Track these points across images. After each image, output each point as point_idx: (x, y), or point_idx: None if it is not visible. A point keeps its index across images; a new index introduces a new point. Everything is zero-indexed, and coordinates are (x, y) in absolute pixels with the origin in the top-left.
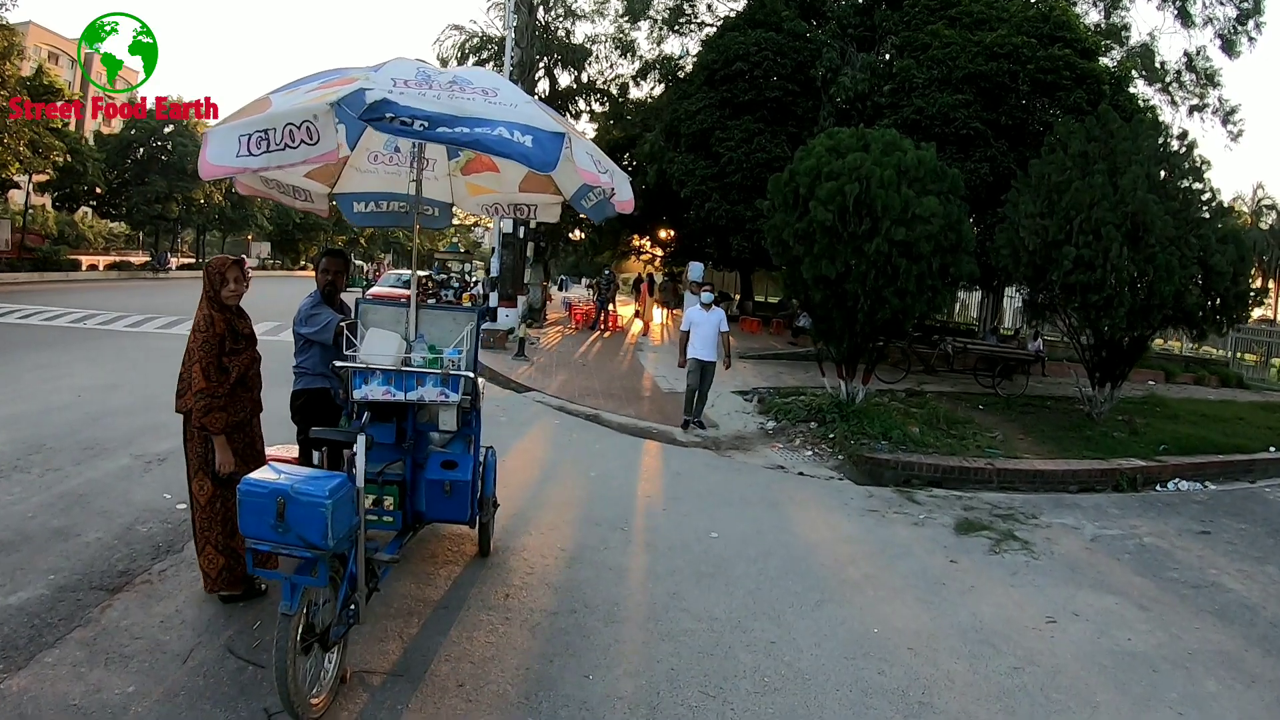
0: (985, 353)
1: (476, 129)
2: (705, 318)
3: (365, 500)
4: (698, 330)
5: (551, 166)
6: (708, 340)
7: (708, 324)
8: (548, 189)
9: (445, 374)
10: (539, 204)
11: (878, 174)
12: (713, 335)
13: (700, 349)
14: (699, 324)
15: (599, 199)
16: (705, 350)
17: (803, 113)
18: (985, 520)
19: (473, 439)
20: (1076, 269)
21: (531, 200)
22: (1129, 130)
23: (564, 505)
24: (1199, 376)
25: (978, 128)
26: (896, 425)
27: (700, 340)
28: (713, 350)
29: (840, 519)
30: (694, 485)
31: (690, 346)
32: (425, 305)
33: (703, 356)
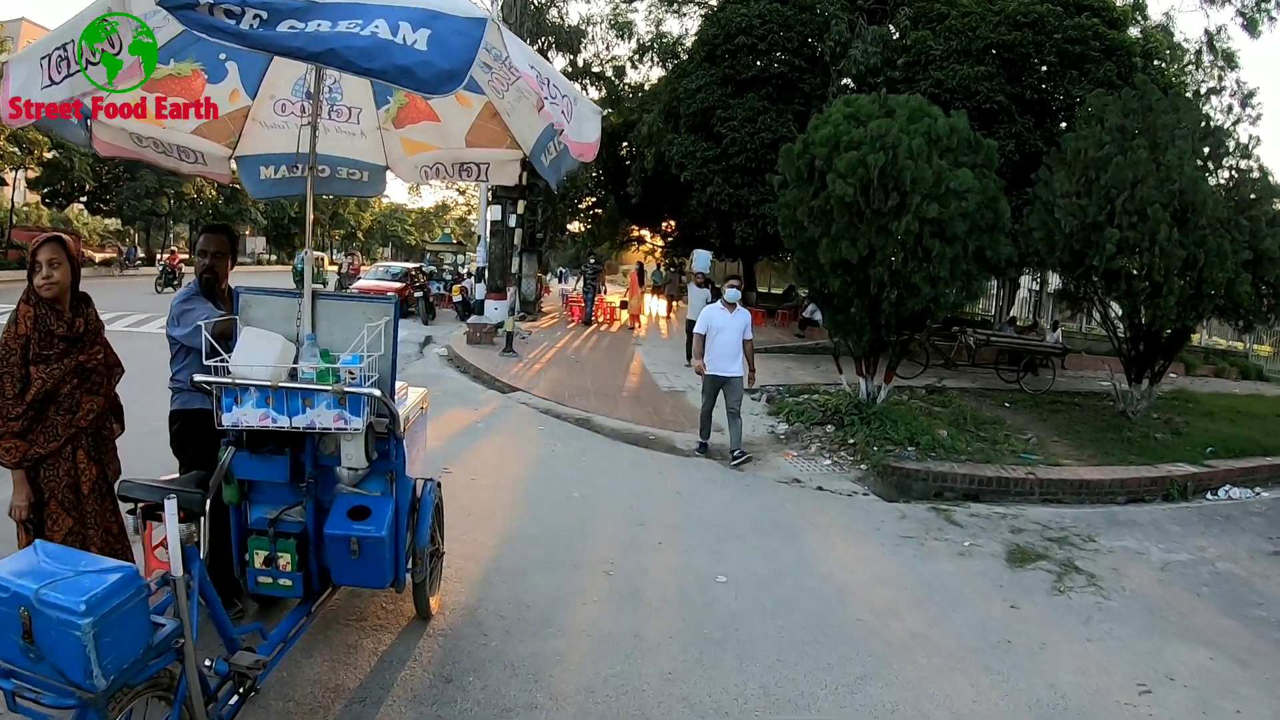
0: (1010, 346)
1: (340, 22)
2: (728, 321)
3: (256, 558)
4: (719, 336)
5: (458, 80)
6: (731, 349)
7: (731, 329)
8: (501, 142)
9: (340, 391)
10: (491, 163)
11: (905, 142)
12: (737, 343)
13: (723, 361)
14: (721, 329)
15: (557, 151)
16: (728, 362)
17: (810, 89)
18: (1039, 546)
19: (394, 475)
20: (1120, 253)
21: (481, 158)
22: (1169, 103)
23: (537, 540)
24: (1219, 369)
25: (1001, 101)
26: (923, 428)
27: (722, 349)
28: (738, 361)
29: (873, 550)
30: (696, 508)
31: (709, 358)
32: (325, 294)
33: (725, 371)
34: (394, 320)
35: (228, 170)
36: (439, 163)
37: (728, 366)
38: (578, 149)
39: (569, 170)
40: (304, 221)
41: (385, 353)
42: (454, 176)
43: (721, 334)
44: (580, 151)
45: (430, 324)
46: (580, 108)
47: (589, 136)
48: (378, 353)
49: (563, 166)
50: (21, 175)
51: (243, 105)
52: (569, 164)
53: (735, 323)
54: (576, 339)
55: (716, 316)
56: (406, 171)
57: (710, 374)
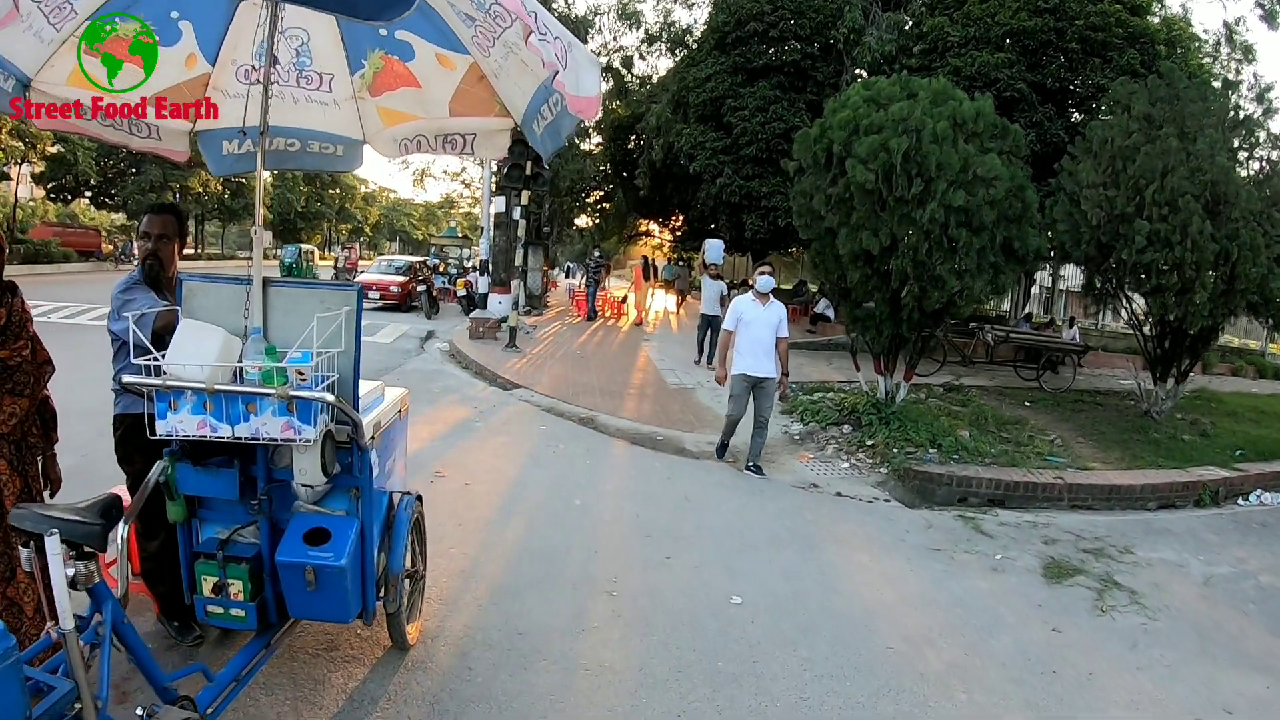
0: (1030, 343)
1: None
2: (760, 314)
3: (204, 584)
4: (749, 331)
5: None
6: (763, 346)
7: (763, 323)
8: (489, 109)
9: (286, 396)
10: (478, 133)
11: (930, 126)
12: (770, 340)
13: (754, 359)
14: (751, 322)
15: (554, 113)
16: (762, 361)
17: (823, 78)
18: (1074, 559)
19: (359, 493)
20: (1150, 246)
21: (467, 129)
22: (1197, 91)
23: (534, 554)
24: (1236, 367)
25: (1021, 90)
26: (944, 429)
27: (751, 345)
28: (772, 360)
29: (900, 565)
30: (707, 516)
31: (737, 355)
32: (278, 282)
33: (759, 372)
34: (356, 310)
35: (186, 146)
36: (420, 134)
37: (761, 366)
38: (576, 104)
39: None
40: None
41: (346, 349)
42: (437, 149)
43: (752, 328)
44: (580, 108)
45: (434, 318)
46: (576, 54)
47: (588, 89)
48: (336, 349)
49: (561, 131)
50: (26, 170)
51: (201, 72)
52: (567, 126)
53: (769, 316)
54: (582, 334)
55: (747, 309)
56: (384, 145)
57: (739, 373)
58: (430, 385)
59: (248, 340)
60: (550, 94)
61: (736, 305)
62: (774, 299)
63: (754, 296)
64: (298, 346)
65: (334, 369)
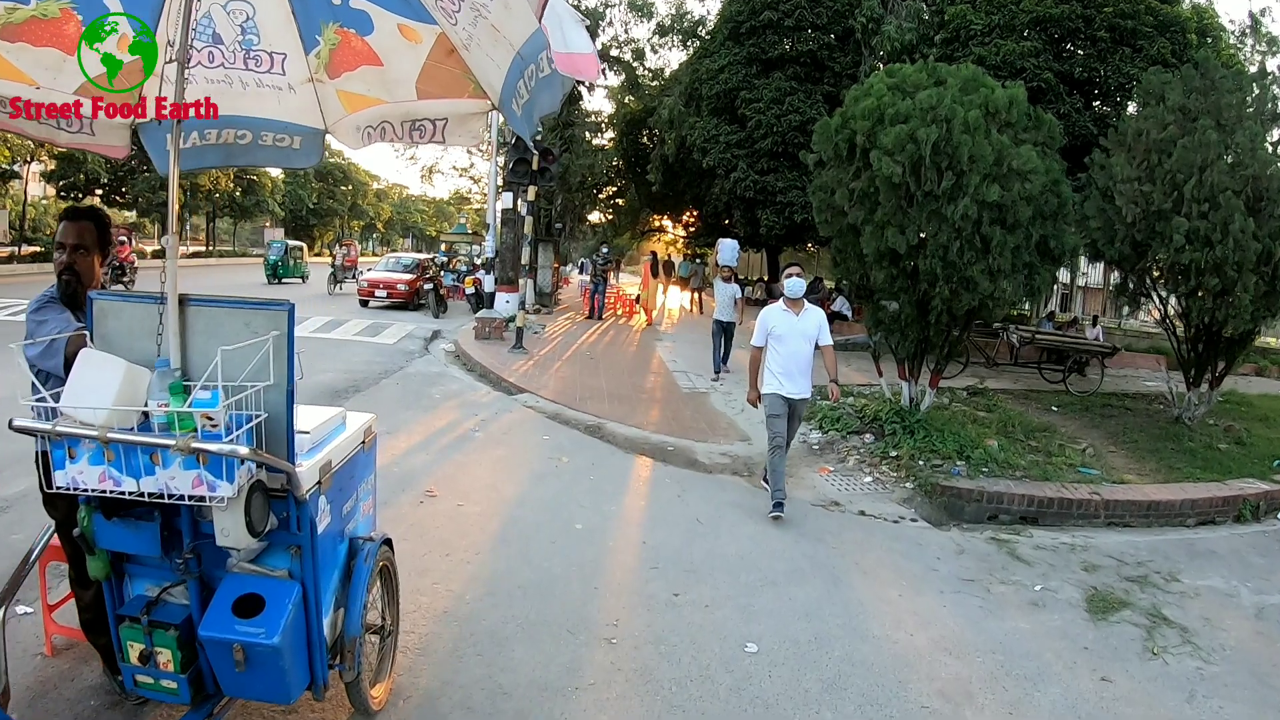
0: (1058, 344)
1: None
2: (794, 325)
3: (130, 652)
4: (784, 345)
5: None
6: (801, 362)
7: (799, 335)
8: (462, 89)
9: (185, 449)
10: (450, 118)
11: (961, 114)
12: (809, 353)
13: (790, 378)
14: (785, 336)
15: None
16: (800, 380)
17: (840, 69)
18: (1119, 590)
19: (300, 552)
20: (1190, 245)
21: (437, 112)
22: (1233, 80)
23: (527, 591)
24: (1260, 367)
25: (1048, 80)
26: (972, 439)
27: (788, 363)
28: (809, 378)
29: (932, 601)
30: (720, 542)
31: (771, 374)
32: (198, 300)
33: (796, 393)
34: (288, 335)
35: (126, 140)
36: (385, 121)
37: (799, 386)
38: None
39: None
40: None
41: (276, 381)
42: (404, 137)
43: (787, 342)
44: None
45: (440, 317)
46: (556, 5)
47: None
48: (262, 382)
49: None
50: (36, 168)
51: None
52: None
53: (804, 325)
54: (592, 334)
55: (778, 320)
56: (347, 134)
57: (774, 393)
58: (430, 390)
59: (157, 371)
60: (527, 65)
61: (766, 318)
62: (808, 303)
63: (784, 305)
64: (202, 383)
65: (259, 407)
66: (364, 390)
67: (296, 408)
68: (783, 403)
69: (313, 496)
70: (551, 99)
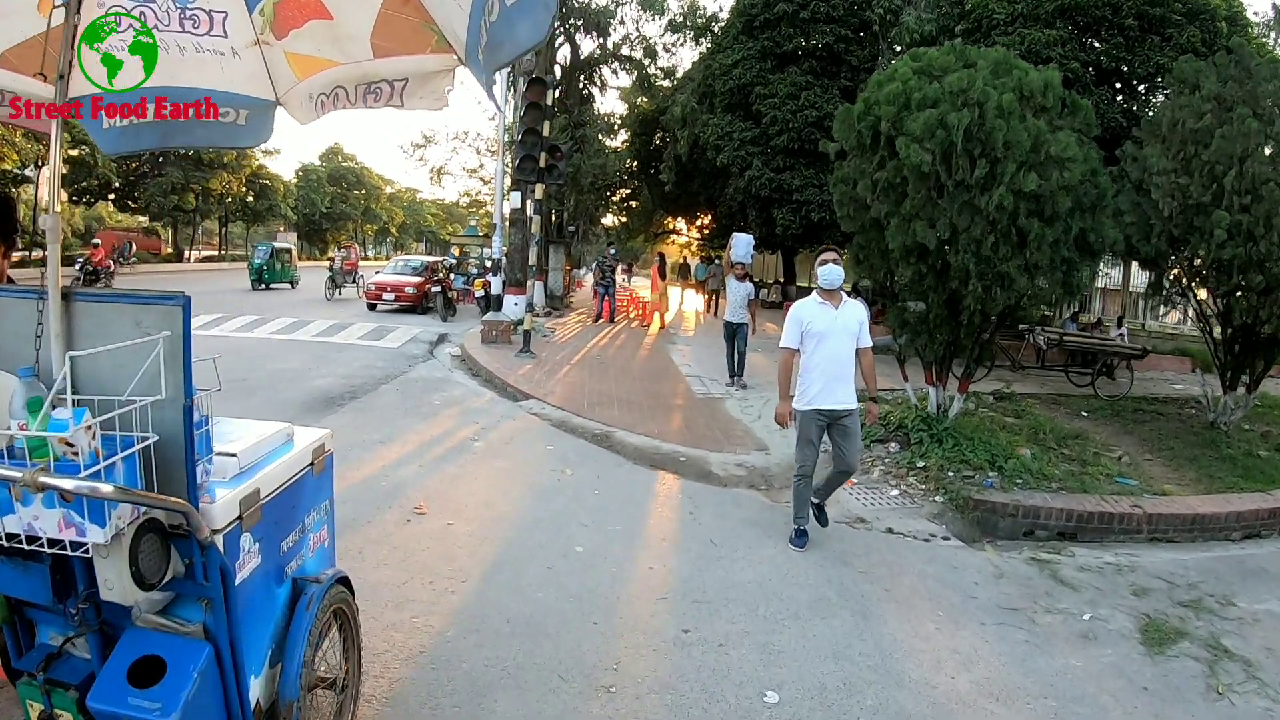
0: (1087, 346)
1: None
2: (833, 321)
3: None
4: (822, 347)
5: None
6: (841, 365)
7: (840, 333)
8: (423, 44)
9: (32, 484)
10: (410, 78)
11: (994, 98)
12: (851, 354)
13: (830, 385)
14: (823, 334)
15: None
16: (841, 387)
17: (858, 62)
18: (1173, 617)
19: (212, 605)
20: (1231, 240)
21: (396, 72)
22: (1269, 68)
23: (517, 626)
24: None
25: (1075, 70)
26: (1004, 449)
27: (826, 367)
28: (853, 384)
29: (973, 636)
30: (737, 568)
31: (806, 381)
32: (84, 294)
33: (839, 403)
34: (183, 334)
35: None
36: (339, 86)
37: (841, 394)
38: None
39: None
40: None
41: (171, 395)
42: (358, 102)
43: (826, 342)
44: None
45: (449, 321)
46: None
47: None
48: (150, 397)
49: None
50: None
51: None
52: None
53: (845, 321)
54: (603, 338)
55: (814, 315)
56: (298, 105)
57: (811, 408)
58: (431, 396)
59: (21, 382)
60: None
61: (798, 313)
62: (846, 296)
63: (819, 297)
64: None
65: (148, 428)
66: (361, 397)
67: (231, 423)
68: (819, 423)
69: (231, 535)
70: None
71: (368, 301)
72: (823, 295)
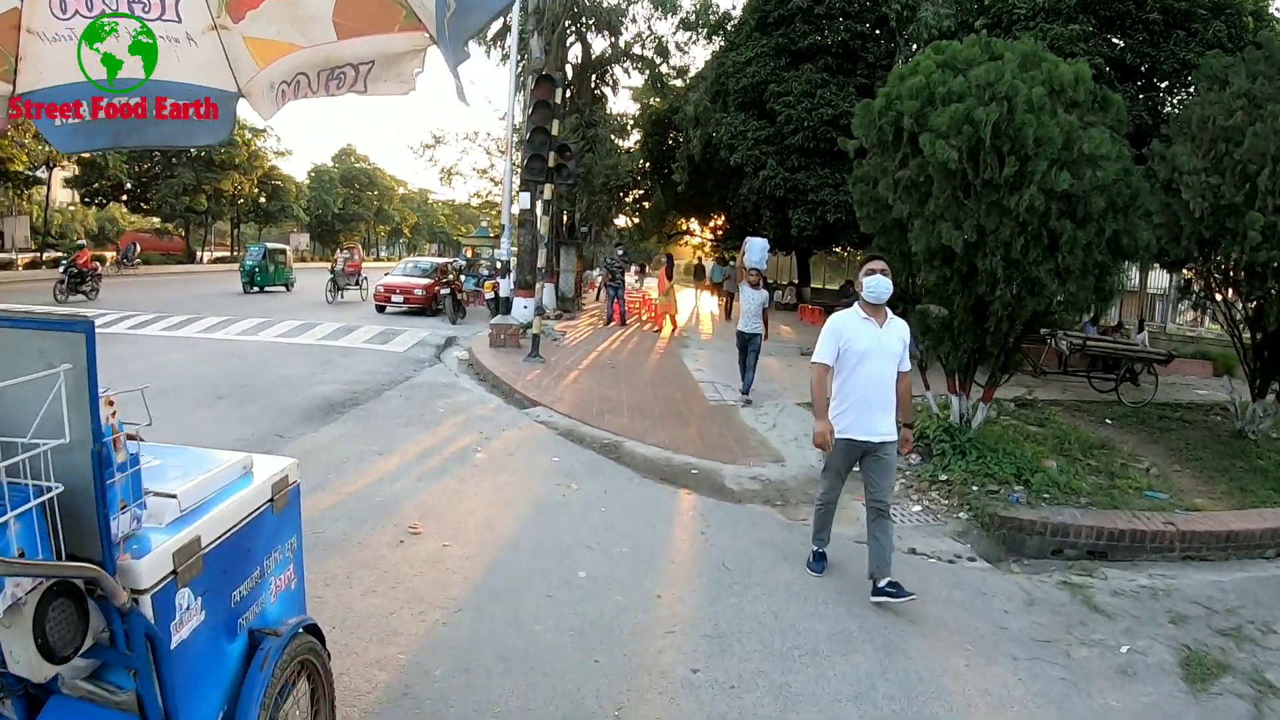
0: (1111, 351)
1: None
2: (877, 339)
3: None
4: (864, 367)
5: None
6: (883, 389)
7: (885, 353)
8: (389, 21)
9: None
10: (376, 60)
11: (1024, 91)
12: (894, 380)
13: (868, 412)
14: (868, 353)
15: None
16: (883, 415)
17: (874, 59)
18: (1213, 647)
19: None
20: (1266, 243)
21: (360, 55)
22: None
23: (511, 664)
24: None
25: (1099, 66)
26: (1030, 461)
27: (865, 389)
28: (893, 413)
29: (1006, 673)
30: (750, 596)
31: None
32: None
33: (876, 433)
34: (88, 368)
35: (2, 114)
36: (300, 72)
37: (880, 423)
38: None
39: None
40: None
41: (77, 438)
42: (319, 90)
43: (869, 361)
44: None
45: (458, 324)
46: None
47: None
48: (54, 440)
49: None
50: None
51: (8, 7)
52: None
53: (888, 341)
54: (614, 342)
55: (856, 331)
56: (260, 97)
57: (845, 436)
58: (435, 403)
59: None
60: None
61: (837, 327)
62: (891, 313)
63: (862, 312)
64: None
65: (51, 476)
66: (363, 403)
67: (182, 452)
68: (849, 452)
69: (163, 594)
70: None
71: (376, 304)
72: (866, 310)
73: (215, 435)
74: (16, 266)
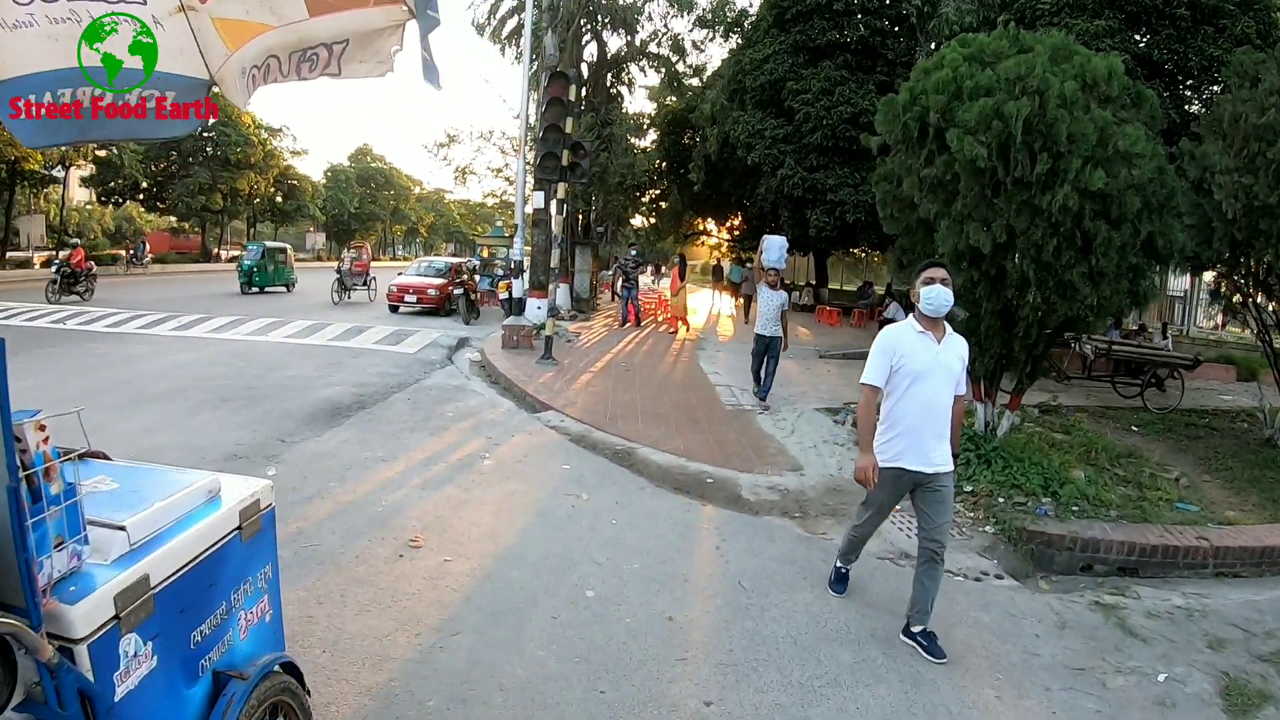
0: (1137, 356)
1: None
2: (936, 356)
3: None
4: (921, 386)
5: None
6: (942, 413)
7: (944, 372)
8: None
9: None
10: (350, 39)
11: (1056, 85)
12: (950, 405)
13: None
14: (926, 372)
15: None
16: (939, 443)
17: (895, 56)
18: (1254, 674)
19: None
20: None
21: (334, 33)
22: None
23: (509, 695)
24: None
25: (1126, 63)
26: (1057, 472)
27: (924, 413)
28: (947, 440)
29: (1039, 707)
30: (767, 618)
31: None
32: None
33: (931, 464)
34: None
35: None
36: (271, 55)
37: (933, 453)
38: None
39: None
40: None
41: None
42: (291, 73)
43: (921, 384)
44: None
45: (471, 324)
46: None
47: None
48: None
49: None
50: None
51: None
52: None
53: (947, 360)
54: (629, 343)
55: (915, 349)
56: (232, 84)
57: (895, 466)
58: (444, 407)
59: None
60: None
61: (891, 344)
62: (950, 328)
63: (918, 325)
64: None
65: None
66: (370, 407)
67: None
68: (898, 484)
69: (103, 642)
70: None
71: (390, 303)
72: (923, 323)
73: (216, 440)
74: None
